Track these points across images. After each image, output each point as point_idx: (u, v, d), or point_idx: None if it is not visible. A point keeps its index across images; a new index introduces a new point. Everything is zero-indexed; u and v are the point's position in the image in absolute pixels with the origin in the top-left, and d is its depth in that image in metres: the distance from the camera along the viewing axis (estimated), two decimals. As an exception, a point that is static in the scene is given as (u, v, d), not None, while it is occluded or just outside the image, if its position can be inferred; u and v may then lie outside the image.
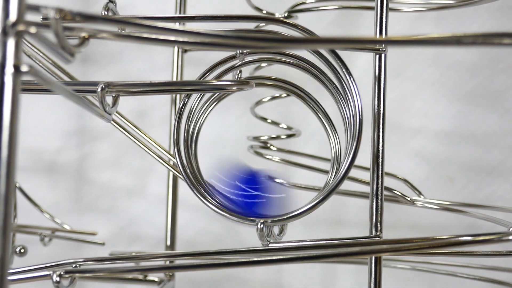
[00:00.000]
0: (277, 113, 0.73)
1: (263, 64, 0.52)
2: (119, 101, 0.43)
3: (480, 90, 0.73)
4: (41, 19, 0.37)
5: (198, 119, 0.47)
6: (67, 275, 0.42)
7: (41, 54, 0.49)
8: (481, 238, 0.41)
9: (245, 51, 0.45)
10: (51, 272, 0.42)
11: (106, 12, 0.46)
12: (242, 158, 0.74)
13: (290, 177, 0.71)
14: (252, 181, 0.43)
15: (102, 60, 0.77)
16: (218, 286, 0.76)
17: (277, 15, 0.58)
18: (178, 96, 0.59)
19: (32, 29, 0.30)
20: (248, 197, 0.43)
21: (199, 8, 0.73)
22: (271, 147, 0.59)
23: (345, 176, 0.42)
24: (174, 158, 0.45)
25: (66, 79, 0.49)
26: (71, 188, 0.77)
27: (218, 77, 0.46)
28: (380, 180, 0.45)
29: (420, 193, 0.56)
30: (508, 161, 0.72)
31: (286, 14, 0.57)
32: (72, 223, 0.66)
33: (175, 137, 0.45)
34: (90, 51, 0.76)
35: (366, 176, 0.48)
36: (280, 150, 0.59)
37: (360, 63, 0.70)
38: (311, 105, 0.47)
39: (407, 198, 0.53)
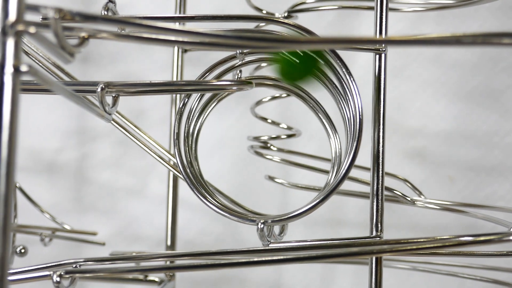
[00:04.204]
0: (277, 113, 0.73)
1: (263, 64, 0.52)
2: (119, 101, 0.43)
3: (481, 90, 0.72)
4: (40, 19, 0.37)
5: (198, 119, 0.47)
6: (67, 275, 0.42)
7: (40, 54, 0.49)
8: (482, 238, 0.41)
9: (245, 51, 0.45)
10: (51, 272, 0.42)
11: (105, 12, 0.46)
12: (242, 158, 0.74)
13: (290, 177, 0.71)
14: None
15: (102, 60, 0.77)
16: (218, 286, 0.76)
17: (277, 15, 0.57)
18: (178, 96, 0.59)
19: (32, 29, 0.30)
20: None
21: (199, 8, 0.73)
22: (271, 147, 0.59)
23: (345, 176, 0.42)
24: (174, 158, 0.45)
25: (66, 79, 0.49)
26: (71, 188, 0.77)
27: (218, 77, 0.46)
28: (380, 180, 0.45)
29: (420, 193, 0.56)
30: (508, 161, 0.72)
31: (286, 14, 0.57)
32: (72, 223, 0.66)
33: (176, 137, 0.45)
34: (89, 51, 0.76)
35: (367, 176, 0.48)
36: (280, 150, 0.59)
37: (360, 63, 0.70)
38: (311, 105, 0.47)
39: (407, 198, 0.53)
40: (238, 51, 0.45)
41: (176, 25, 0.53)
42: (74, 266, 0.43)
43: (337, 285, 0.74)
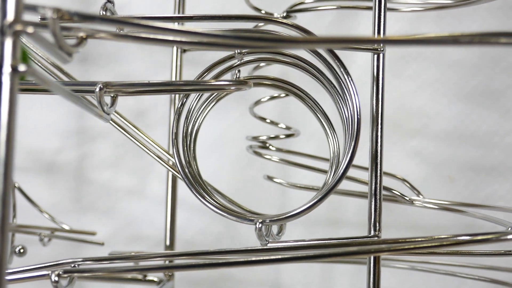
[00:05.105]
0: (276, 113, 0.73)
1: (262, 64, 0.52)
2: (117, 101, 0.43)
3: (481, 90, 0.72)
4: (38, 19, 0.37)
5: (197, 119, 0.47)
6: (65, 275, 0.42)
7: (39, 54, 0.49)
8: (479, 237, 0.41)
9: (243, 51, 0.45)
10: (49, 272, 0.42)
11: (104, 12, 0.46)
12: (241, 158, 0.74)
13: (289, 177, 0.71)
14: None
15: (100, 60, 0.77)
16: (216, 285, 0.76)
17: (276, 15, 0.57)
18: (176, 96, 0.59)
19: (30, 29, 0.30)
20: None
21: (197, 8, 0.73)
22: (270, 147, 0.59)
23: (343, 175, 0.42)
24: (173, 158, 0.45)
25: (65, 79, 0.49)
26: (71, 188, 0.77)
27: (216, 77, 0.46)
28: (378, 179, 0.45)
29: (419, 193, 0.56)
30: (508, 161, 0.72)
31: (284, 14, 0.57)
32: (72, 223, 0.66)
33: (174, 137, 0.45)
34: (88, 51, 0.76)
35: (365, 176, 0.48)
36: (279, 150, 0.59)
37: (359, 63, 0.70)
38: (309, 105, 0.47)
39: (405, 197, 0.53)
40: (236, 51, 0.45)
41: (174, 25, 0.53)
42: (72, 265, 0.43)
43: (336, 285, 0.74)
